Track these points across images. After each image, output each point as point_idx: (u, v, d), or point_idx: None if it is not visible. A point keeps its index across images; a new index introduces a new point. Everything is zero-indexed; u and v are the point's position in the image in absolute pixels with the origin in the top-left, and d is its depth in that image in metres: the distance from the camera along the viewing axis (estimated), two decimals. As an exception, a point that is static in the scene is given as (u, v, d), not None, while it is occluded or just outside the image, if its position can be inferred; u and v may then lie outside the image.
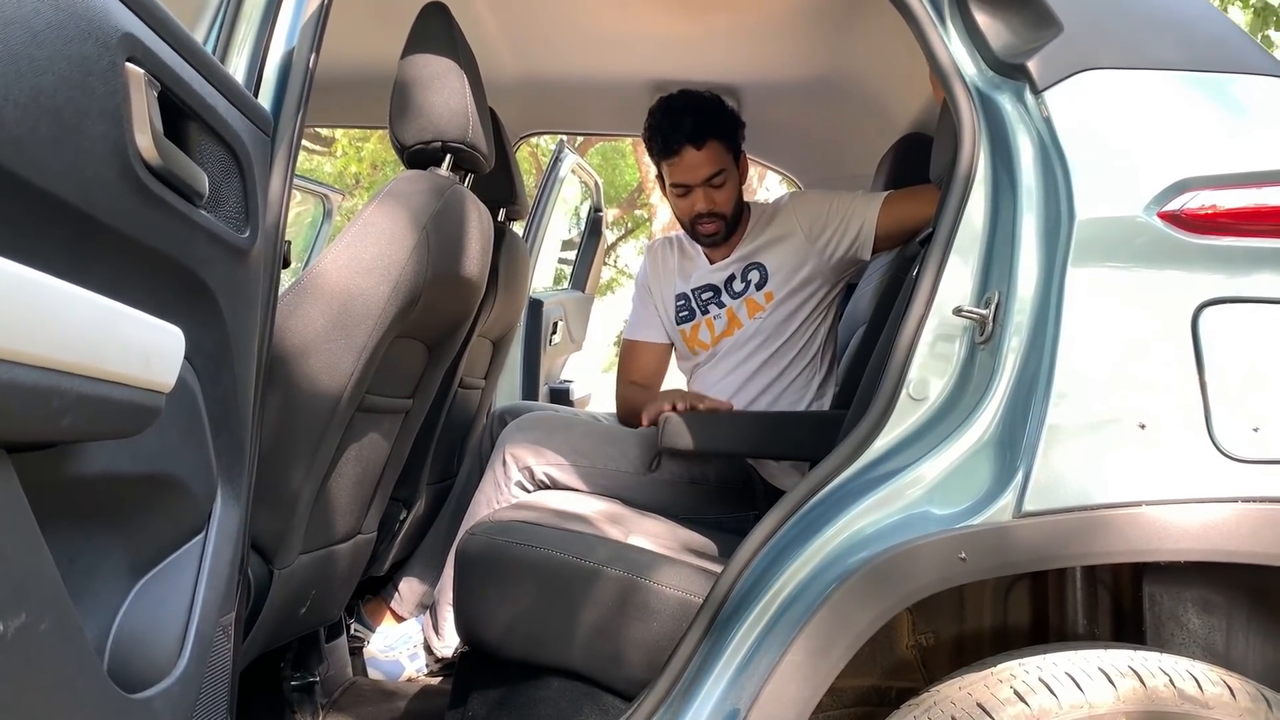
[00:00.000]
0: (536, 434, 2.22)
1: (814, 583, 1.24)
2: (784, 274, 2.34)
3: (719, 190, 2.30)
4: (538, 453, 2.18)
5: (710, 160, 2.28)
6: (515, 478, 2.19)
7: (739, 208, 2.38)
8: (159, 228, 0.92)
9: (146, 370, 0.79)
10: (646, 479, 2.20)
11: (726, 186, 2.31)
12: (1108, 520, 1.17)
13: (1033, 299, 1.27)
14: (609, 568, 1.48)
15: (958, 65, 1.42)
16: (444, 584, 2.25)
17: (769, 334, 2.34)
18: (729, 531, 2.15)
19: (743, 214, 2.41)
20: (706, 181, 2.29)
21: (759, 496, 2.24)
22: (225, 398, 1.09)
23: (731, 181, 2.32)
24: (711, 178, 2.29)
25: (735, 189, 2.35)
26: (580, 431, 2.25)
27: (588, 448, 2.20)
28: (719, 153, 2.28)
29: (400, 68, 1.69)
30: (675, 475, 2.21)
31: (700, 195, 2.31)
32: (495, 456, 2.23)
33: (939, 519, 1.23)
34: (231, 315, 1.08)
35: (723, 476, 2.24)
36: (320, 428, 1.52)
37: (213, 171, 1.03)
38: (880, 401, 1.34)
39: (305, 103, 1.36)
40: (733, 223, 2.36)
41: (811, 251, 2.31)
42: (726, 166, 2.30)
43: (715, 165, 2.28)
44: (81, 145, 0.80)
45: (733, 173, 2.33)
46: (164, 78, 0.92)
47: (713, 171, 2.28)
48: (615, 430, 2.29)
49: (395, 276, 1.54)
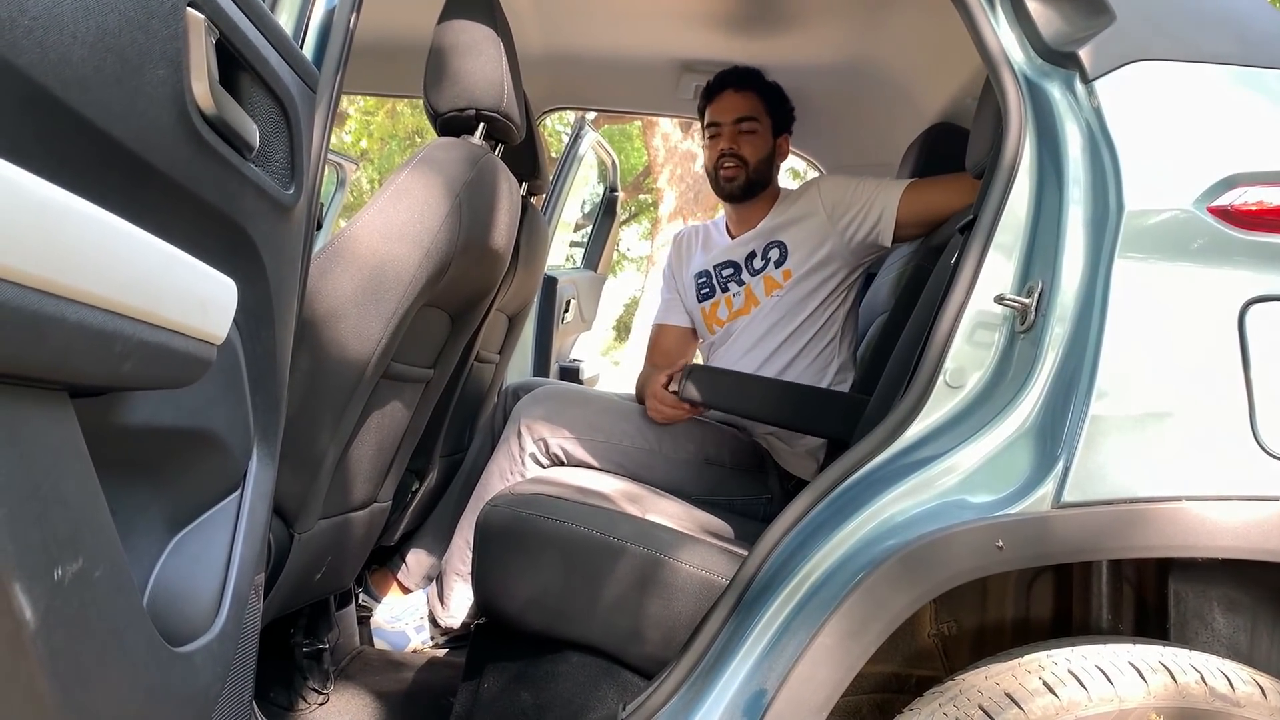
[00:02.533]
0: (552, 407, 2.21)
1: (846, 566, 1.23)
2: (804, 252, 2.33)
3: (746, 136, 2.42)
4: (553, 426, 2.17)
5: (745, 104, 2.43)
6: (530, 449, 2.18)
7: (764, 171, 2.43)
8: (211, 179, 0.91)
9: (203, 320, 0.78)
10: (661, 457, 2.20)
11: (755, 137, 2.42)
12: (1148, 514, 1.16)
13: (1077, 289, 1.26)
14: (633, 544, 1.48)
15: (1006, 52, 1.40)
16: (451, 555, 2.24)
17: (785, 313, 2.33)
18: (742, 514, 2.14)
19: (768, 183, 2.46)
20: (736, 122, 2.42)
21: (772, 480, 2.24)
22: (264, 356, 1.08)
23: (761, 136, 2.42)
24: (742, 120, 2.42)
25: (763, 147, 2.43)
26: (596, 407, 2.25)
27: (603, 423, 2.19)
28: (755, 103, 2.44)
29: (436, 33, 1.67)
30: (690, 455, 2.21)
31: (728, 134, 2.42)
32: (510, 429, 2.23)
33: (974, 507, 1.22)
34: (274, 272, 1.06)
35: (738, 459, 2.23)
36: (347, 392, 1.51)
37: (262, 125, 1.02)
38: (916, 388, 1.33)
39: (345, 62, 1.34)
40: (754, 180, 2.43)
41: (832, 232, 2.31)
42: (759, 117, 2.43)
43: (748, 110, 2.42)
44: (141, 88, 0.78)
45: (765, 131, 2.43)
46: (222, 25, 0.90)
47: (745, 114, 2.42)
48: (631, 407, 2.28)
49: (427, 244, 1.52)
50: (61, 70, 0.67)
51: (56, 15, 0.66)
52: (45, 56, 0.65)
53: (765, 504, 2.23)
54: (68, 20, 0.67)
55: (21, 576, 0.59)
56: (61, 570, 0.63)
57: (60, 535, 0.63)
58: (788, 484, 2.25)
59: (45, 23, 0.65)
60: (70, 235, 0.61)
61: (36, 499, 0.61)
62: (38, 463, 0.61)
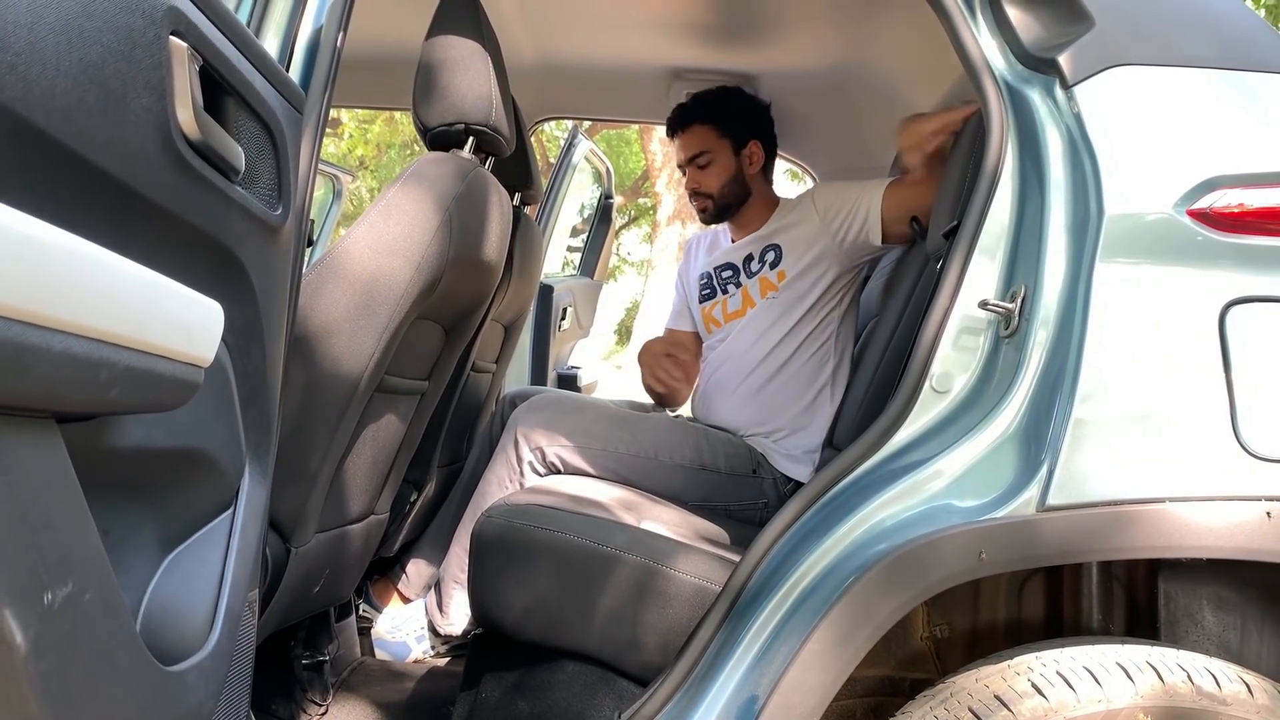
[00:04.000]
0: (548, 415, 2.23)
1: (835, 572, 1.24)
2: (797, 254, 2.36)
3: (703, 171, 2.48)
4: (549, 435, 2.19)
5: (692, 141, 2.48)
6: (527, 458, 2.19)
7: (732, 191, 2.47)
8: (197, 203, 0.92)
9: (189, 344, 0.79)
10: (656, 464, 2.21)
11: (711, 169, 2.46)
12: (1132, 516, 1.18)
13: (1060, 294, 1.27)
14: (627, 553, 1.49)
15: (987, 59, 1.42)
16: (449, 563, 2.25)
17: (780, 314, 2.35)
18: (739, 520, 2.16)
19: (746, 197, 2.49)
20: (690, 161, 2.49)
21: (768, 485, 2.25)
22: (255, 375, 1.10)
23: (718, 163, 2.46)
24: (694, 158, 2.48)
25: (723, 172, 2.47)
26: (592, 415, 2.26)
27: (599, 431, 2.21)
28: (702, 134, 2.47)
29: (425, 49, 1.69)
30: (686, 461, 2.22)
31: (689, 174, 2.51)
32: (506, 438, 2.24)
33: (961, 511, 1.23)
34: (263, 292, 1.08)
35: (732, 465, 2.25)
36: (341, 407, 1.52)
37: (248, 148, 1.03)
38: (903, 393, 1.34)
39: (333, 81, 1.36)
40: (724, 204, 2.48)
41: (825, 233, 2.33)
42: (711, 149, 2.46)
43: (696, 148, 2.47)
44: (125, 118, 0.80)
45: (721, 155, 2.47)
46: (205, 52, 0.92)
47: (694, 153, 2.48)
48: (627, 415, 2.30)
49: (418, 258, 1.54)
50: (45, 103, 0.69)
51: (38, 50, 0.68)
52: (29, 91, 0.67)
53: (762, 509, 2.24)
54: (50, 55, 0.69)
55: (11, 602, 0.60)
56: (51, 594, 0.64)
57: (49, 560, 0.65)
58: (784, 488, 2.26)
59: (28, 58, 0.67)
60: (53, 267, 0.62)
61: (25, 525, 0.62)
62: (25, 490, 0.62)
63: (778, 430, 2.28)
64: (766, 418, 2.30)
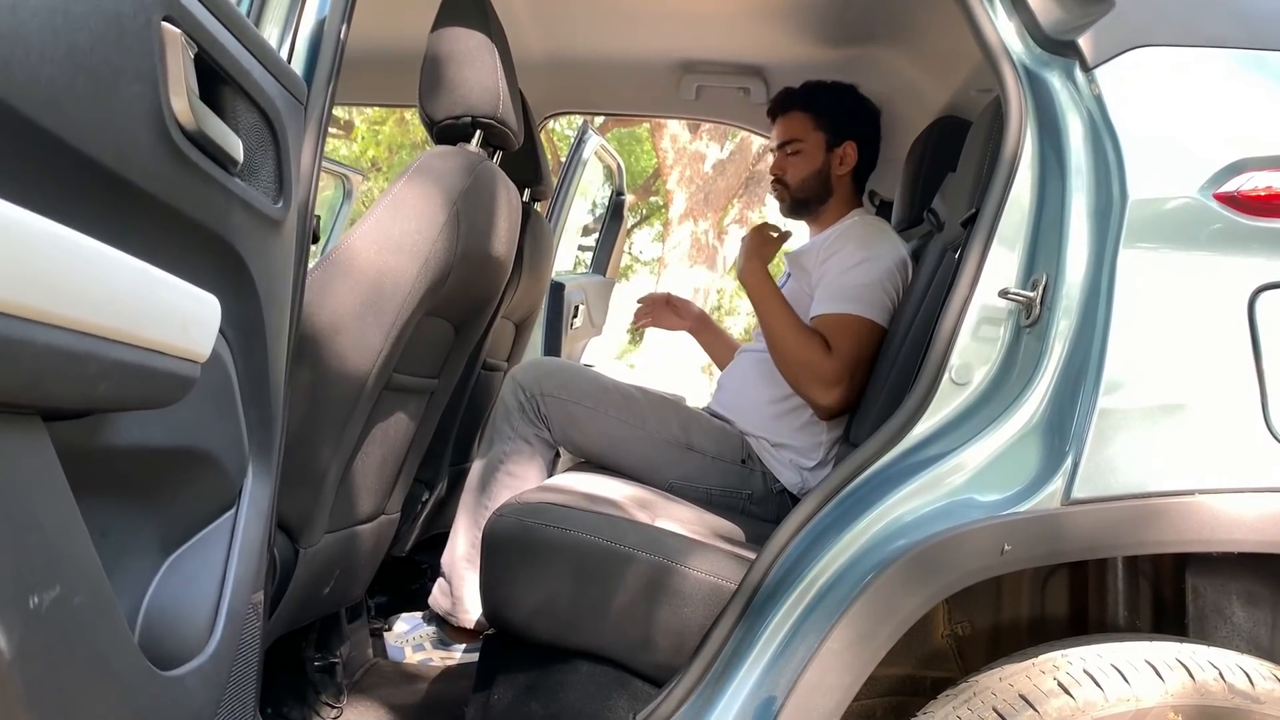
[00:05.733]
0: (544, 371, 2.28)
1: (853, 569, 1.21)
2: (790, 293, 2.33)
3: (790, 159, 2.40)
4: (541, 386, 2.23)
5: (789, 127, 2.40)
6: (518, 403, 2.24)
7: (811, 188, 2.40)
8: (194, 194, 0.90)
9: (184, 338, 0.77)
10: (642, 434, 2.23)
11: (799, 158, 2.39)
12: (1160, 509, 1.14)
13: (1082, 281, 1.23)
14: (641, 551, 1.46)
15: (1005, 43, 1.38)
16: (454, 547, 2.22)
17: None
18: (719, 506, 2.13)
19: (826, 196, 2.41)
20: (780, 147, 2.42)
21: (755, 478, 2.22)
22: (257, 372, 1.07)
23: (807, 156, 2.39)
24: (785, 144, 2.41)
25: (808, 166, 2.39)
26: (586, 378, 2.30)
27: (592, 391, 2.25)
28: (801, 123, 2.39)
29: (431, 41, 1.67)
30: (672, 437, 2.23)
31: (776, 159, 2.45)
32: (505, 389, 2.28)
33: (983, 506, 1.20)
34: (264, 287, 1.05)
35: (720, 450, 2.24)
36: (349, 406, 1.50)
37: (247, 139, 1.01)
38: (922, 385, 1.31)
39: (336, 74, 1.33)
40: (800, 199, 2.42)
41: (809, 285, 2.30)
42: (803, 139, 2.39)
43: (789, 134, 2.40)
44: (116, 106, 0.77)
45: (813, 149, 2.39)
46: (200, 39, 0.89)
47: (787, 138, 2.40)
48: (622, 389, 2.31)
49: (425, 253, 1.52)
50: (30, 90, 0.66)
51: (21, 35, 0.65)
52: (11, 76, 0.64)
53: (745, 499, 2.22)
54: (34, 39, 0.66)
55: None
56: (38, 598, 0.62)
57: (35, 562, 0.62)
58: (773, 484, 2.23)
59: (10, 41, 0.64)
60: (37, 256, 0.59)
61: (8, 525, 0.60)
62: (8, 489, 0.60)
63: (779, 445, 2.25)
64: (771, 430, 2.26)
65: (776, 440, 2.25)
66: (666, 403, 2.32)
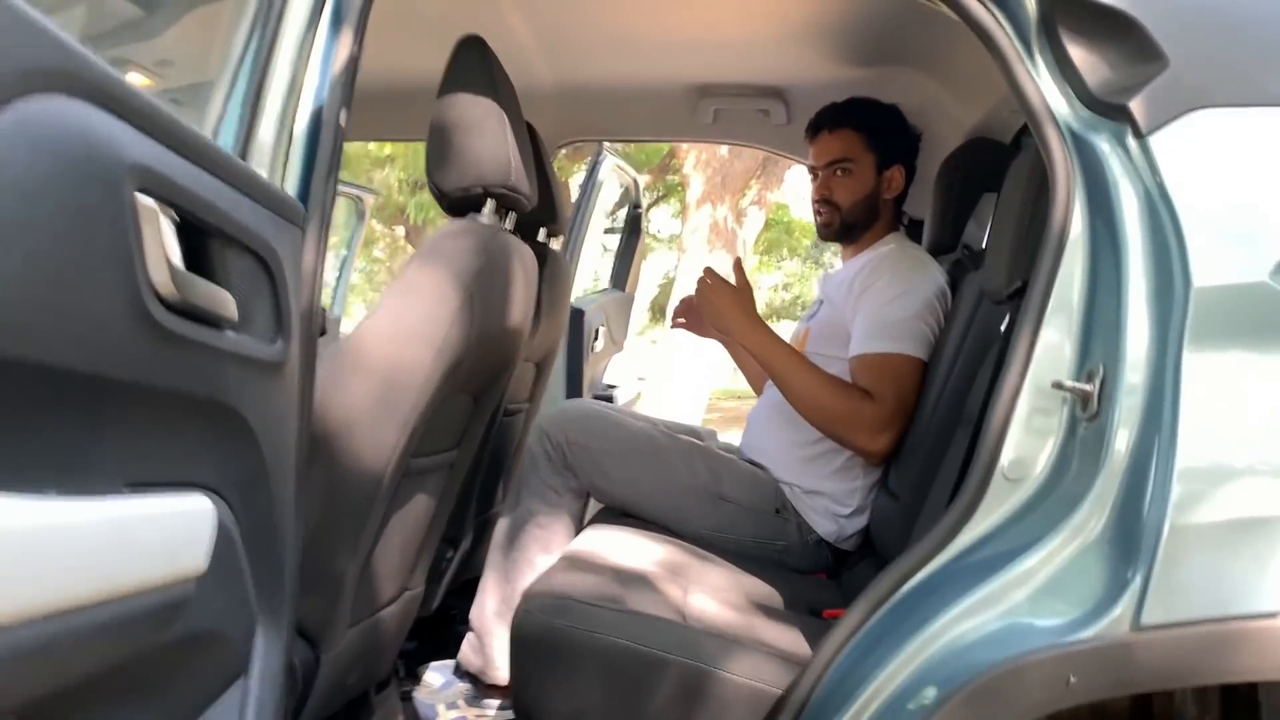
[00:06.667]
0: (571, 416, 2.20)
1: (909, 697, 1.13)
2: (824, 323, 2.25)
3: (839, 179, 2.27)
4: (568, 435, 2.15)
5: (838, 145, 2.26)
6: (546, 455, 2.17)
7: (861, 211, 2.28)
8: (181, 368, 0.82)
9: (172, 566, 0.70)
10: (674, 484, 2.15)
11: (850, 179, 2.26)
12: (1239, 634, 1.05)
13: (1145, 377, 1.14)
14: (675, 654, 1.39)
15: (1049, 104, 1.28)
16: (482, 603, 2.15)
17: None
18: (753, 558, 2.05)
19: (873, 221, 2.30)
20: (828, 166, 2.27)
21: (790, 528, 2.14)
22: (260, 524, 1.00)
23: (857, 177, 2.26)
24: (834, 163, 2.26)
25: (859, 188, 2.26)
26: (615, 425, 2.22)
27: (622, 437, 2.18)
28: (851, 141, 2.26)
29: (437, 109, 1.58)
30: (704, 485, 2.15)
31: (822, 178, 2.30)
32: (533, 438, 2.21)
33: (1044, 631, 1.11)
34: (265, 435, 0.98)
35: (753, 500, 2.16)
36: (365, 506, 1.43)
37: (240, 285, 0.93)
38: (972, 483, 1.22)
39: (336, 165, 1.26)
40: (849, 223, 2.29)
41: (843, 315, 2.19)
42: (855, 159, 2.25)
43: (840, 153, 2.26)
44: (87, 304, 0.70)
45: (863, 170, 2.26)
46: (180, 200, 0.81)
47: (836, 157, 2.26)
48: (652, 433, 2.23)
49: (439, 342, 1.44)
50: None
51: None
52: None
53: (780, 550, 2.14)
54: None
55: None
56: None
57: None
58: (809, 535, 2.14)
59: None
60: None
61: None
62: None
63: (812, 492, 2.16)
64: (802, 476, 2.17)
65: (809, 487, 2.16)
66: (695, 449, 2.23)
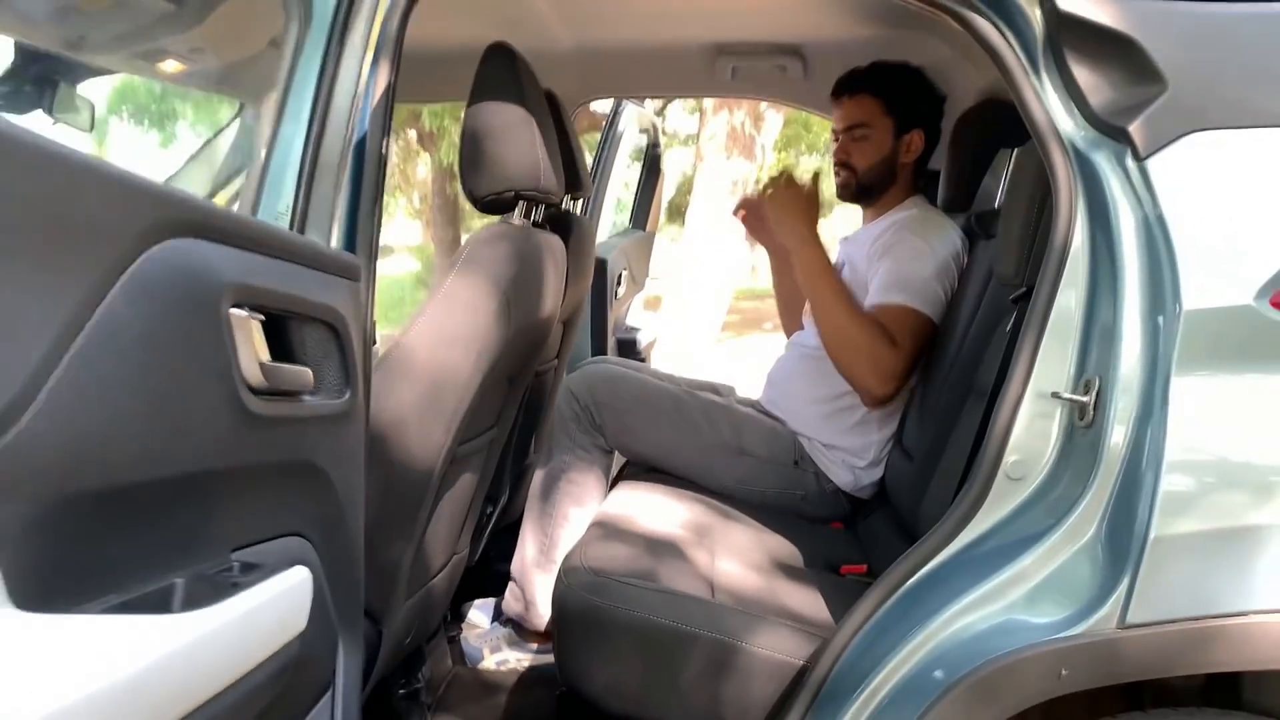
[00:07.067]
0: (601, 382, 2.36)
1: (918, 682, 1.26)
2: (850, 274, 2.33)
3: (856, 144, 2.34)
4: (597, 399, 2.33)
5: (857, 110, 2.33)
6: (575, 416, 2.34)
7: (877, 175, 2.35)
8: (270, 442, 0.94)
9: (282, 633, 0.82)
10: (697, 440, 2.30)
11: (866, 144, 2.33)
12: (1217, 632, 1.17)
13: (1137, 391, 1.23)
14: (704, 630, 1.52)
15: (1054, 121, 1.35)
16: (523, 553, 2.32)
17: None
18: (774, 508, 2.22)
19: (889, 185, 2.37)
20: (847, 130, 2.35)
21: (808, 478, 2.27)
22: (339, 554, 1.12)
23: (874, 141, 2.33)
24: (852, 127, 2.34)
25: (875, 152, 2.33)
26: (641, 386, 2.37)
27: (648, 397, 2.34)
28: (869, 106, 2.32)
29: (468, 116, 1.66)
30: (726, 440, 2.29)
31: (841, 142, 2.38)
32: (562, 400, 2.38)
33: (1040, 627, 1.23)
34: (338, 476, 1.09)
35: (773, 453, 2.29)
36: (418, 498, 1.56)
37: (314, 352, 1.03)
38: (978, 481, 1.33)
39: (380, 194, 1.35)
40: (865, 185, 2.36)
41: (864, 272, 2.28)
42: (872, 124, 2.32)
43: (857, 118, 2.33)
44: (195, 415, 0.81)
45: (881, 134, 2.32)
46: (265, 300, 0.91)
47: (854, 122, 2.33)
48: (675, 393, 2.37)
49: (479, 345, 1.55)
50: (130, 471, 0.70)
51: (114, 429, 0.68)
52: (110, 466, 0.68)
53: (799, 500, 2.27)
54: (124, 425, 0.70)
55: None
56: None
57: None
58: (826, 484, 2.27)
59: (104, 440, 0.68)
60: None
61: None
62: None
63: (830, 446, 2.28)
64: (821, 431, 2.29)
65: (827, 441, 2.28)
66: (716, 405, 2.35)
